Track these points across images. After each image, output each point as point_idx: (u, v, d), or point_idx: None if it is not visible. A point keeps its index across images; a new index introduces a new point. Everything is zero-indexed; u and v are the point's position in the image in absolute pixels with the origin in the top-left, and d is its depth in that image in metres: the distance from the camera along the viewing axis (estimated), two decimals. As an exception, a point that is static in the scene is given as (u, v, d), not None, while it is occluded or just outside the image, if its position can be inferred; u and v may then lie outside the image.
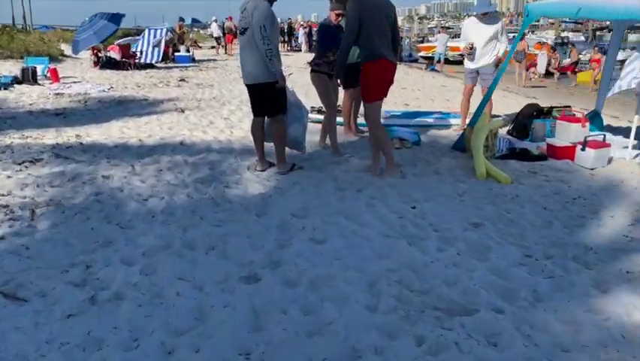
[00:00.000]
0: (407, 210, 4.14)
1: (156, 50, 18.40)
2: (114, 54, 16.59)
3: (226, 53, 25.36)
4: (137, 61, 16.40)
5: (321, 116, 6.53)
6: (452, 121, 7.93)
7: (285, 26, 30.88)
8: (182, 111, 8.56)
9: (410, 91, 12.87)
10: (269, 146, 5.19)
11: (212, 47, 28.90)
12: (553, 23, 70.58)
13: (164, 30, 19.12)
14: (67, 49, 19.51)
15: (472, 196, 4.55)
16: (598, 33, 59.50)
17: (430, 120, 8.00)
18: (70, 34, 24.21)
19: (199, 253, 3.28)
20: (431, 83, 15.58)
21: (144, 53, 17.76)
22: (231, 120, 7.91)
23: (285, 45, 30.65)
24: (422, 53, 30.41)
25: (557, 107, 7.31)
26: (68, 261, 3.10)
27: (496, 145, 6.03)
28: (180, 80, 12.97)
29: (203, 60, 20.64)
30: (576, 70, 19.43)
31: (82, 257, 3.16)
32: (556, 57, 20.31)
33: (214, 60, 21.14)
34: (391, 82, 4.96)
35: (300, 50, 30.17)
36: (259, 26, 4.55)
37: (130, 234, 3.54)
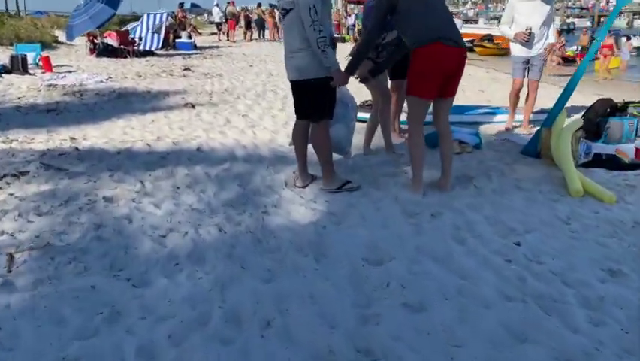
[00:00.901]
0: (512, 249, 3.11)
1: (156, 36, 17.28)
2: (111, 41, 15.43)
3: (228, 39, 24.16)
4: (136, 48, 15.24)
5: (365, 114, 5.46)
6: (503, 118, 6.88)
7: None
8: (193, 107, 7.48)
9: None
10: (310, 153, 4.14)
11: (213, 34, 27.69)
12: (558, 9, 69.29)
13: (165, 15, 17.94)
14: (61, 35, 18.29)
15: (581, 224, 3.52)
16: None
17: (479, 117, 6.94)
18: (64, 20, 22.92)
19: (250, 333, 2.24)
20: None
21: (144, 40, 16.61)
22: (251, 118, 6.83)
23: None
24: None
25: (634, 102, 6.25)
26: (57, 356, 2.05)
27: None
28: (185, 70, 11.84)
29: (205, 47, 19.48)
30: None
31: (77, 346, 2.11)
32: (562, 43, 19.47)
33: (217, 47, 19.97)
34: (451, 72, 3.83)
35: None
36: (308, 7, 3.48)
37: (146, 297, 2.49)
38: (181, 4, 21.86)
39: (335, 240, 3.16)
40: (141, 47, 16.01)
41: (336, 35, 21.44)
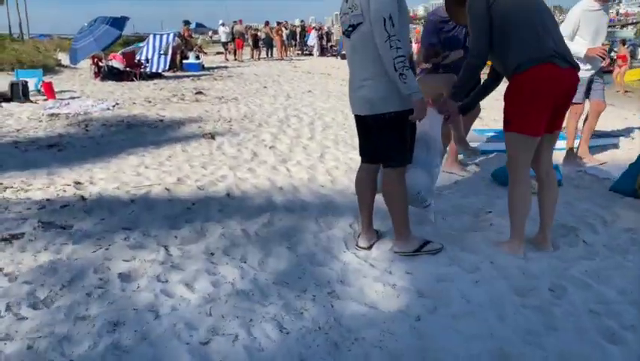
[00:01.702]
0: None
1: (163, 57, 16.62)
2: (117, 63, 14.68)
3: (236, 59, 23.51)
4: (142, 70, 14.49)
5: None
6: (563, 144, 6.01)
7: (298, 29, 29.05)
8: (213, 137, 6.64)
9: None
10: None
11: (219, 53, 27.09)
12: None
13: (171, 35, 17.26)
14: (64, 58, 17.60)
15: None
16: (609, 29, 58.05)
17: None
18: (68, 43, 22.29)
19: None
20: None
21: (150, 61, 15.90)
22: (279, 150, 5.99)
23: (293, 49, 28.83)
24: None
25: None
26: None
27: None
28: (197, 93, 11.05)
29: (214, 67, 18.77)
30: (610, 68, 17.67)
31: None
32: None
33: (225, 67, 19.27)
34: (562, 100, 3.01)
35: (312, 54, 28.41)
36: (382, 19, 2.66)
37: None
38: (186, 23, 21.13)
39: (441, 342, 2.28)
40: (148, 70, 15.29)
41: (344, 52, 20.74)
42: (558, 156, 5.52)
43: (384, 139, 2.96)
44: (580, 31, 5.23)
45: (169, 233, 3.49)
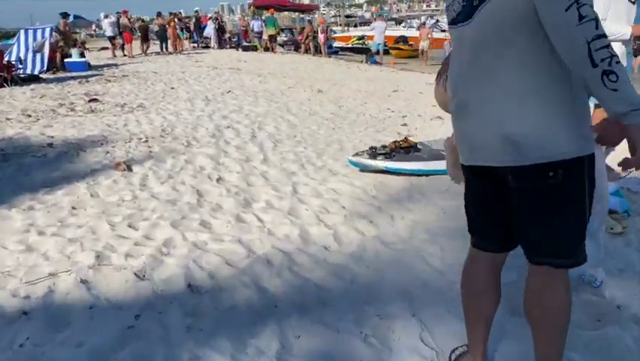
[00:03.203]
0: None
1: (38, 56, 13.99)
2: (-21, 66, 11.90)
3: (125, 54, 20.84)
4: (14, 73, 11.86)
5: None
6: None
7: (193, 20, 26.66)
8: (129, 168, 4.85)
9: (407, 96, 9.83)
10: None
11: (103, 48, 24.12)
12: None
13: (48, 30, 14.58)
14: None
15: None
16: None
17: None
18: None
19: None
20: (407, 82, 12.73)
21: (24, 62, 13.23)
22: (231, 183, 4.39)
23: (188, 41, 26.46)
24: (338, 44, 27.75)
25: None
26: None
27: None
28: (91, 101, 8.90)
29: (102, 66, 16.24)
30: None
31: None
32: None
33: (115, 65, 16.74)
34: None
35: (209, 47, 26.24)
36: None
37: None
38: (64, 15, 18.07)
39: None
40: (21, 72, 12.64)
41: (246, 44, 19.07)
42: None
43: (551, 214, 1.55)
44: (615, 11, 4.15)
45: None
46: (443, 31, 30.98)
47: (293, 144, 5.81)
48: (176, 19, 24.30)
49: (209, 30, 26.03)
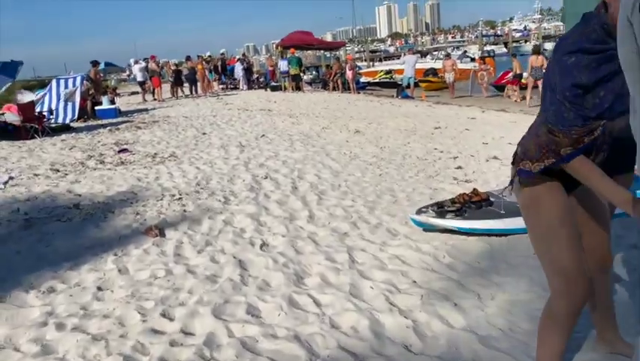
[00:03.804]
0: None
1: (70, 105, 13.88)
2: (11, 116, 11.77)
3: (155, 99, 20.84)
4: (45, 124, 11.70)
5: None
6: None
7: (219, 62, 26.74)
8: (161, 233, 4.33)
9: (452, 133, 9.21)
10: None
11: (134, 93, 24.33)
12: (476, 37, 71.21)
13: (79, 78, 14.55)
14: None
15: None
16: (514, 44, 60.78)
17: None
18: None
19: None
20: (446, 117, 12.12)
21: (55, 112, 13.13)
22: (279, 251, 3.80)
23: (217, 83, 26.44)
24: (364, 79, 27.42)
25: None
26: None
27: None
28: (120, 152, 8.55)
29: (132, 111, 16.16)
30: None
31: None
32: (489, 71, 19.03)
33: (145, 110, 16.65)
34: None
35: (238, 88, 26.19)
36: None
37: None
38: (95, 63, 18.15)
39: None
40: (52, 121, 12.51)
41: (274, 84, 18.81)
42: None
43: None
44: None
45: None
46: (473, 60, 30.57)
47: (339, 196, 5.24)
48: (203, 62, 24.36)
49: (238, 71, 26.03)
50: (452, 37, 69.75)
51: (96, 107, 14.81)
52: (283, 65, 23.26)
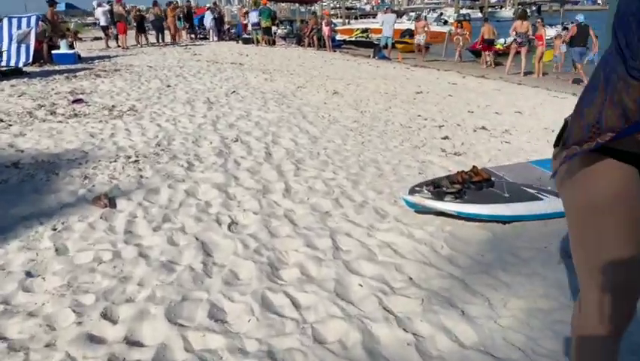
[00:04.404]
0: None
1: (23, 47, 12.74)
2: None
3: (119, 45, 19.60)
4: (-6, 67, 10.68)
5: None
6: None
7: (185, 9, 25.21)
8: (111, 204, 3.71)
9: (435, 99, 8.70)
10: None
11: (97, 39, 22.91)
12: (453, 1, 70.03)
13: (34, 18, 13.34)
14: None
15: None
16: (490, 10, 60.19)
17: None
18: None
19: None
20: (427, 81, 11.58)
21: (7, 54, 12.04)
22: (246, 229, 3.25)
23: (185, 31, 25.07)
24: (340, 37, 26.45)
25: None
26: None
27: None
28: (74, 101, 7.72)
29: (93, 58, 15.06)
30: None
31: None
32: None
33: (108, 57, 15.54)
34: None
35: (207, 39, 24.91)
36: None
37: None
38: (52, 3, 16.61)
39: None
40: (3, 65, 11.45)
41: (246, 36, 17.91)
42: None
43: None
44: None
45: None
46: (445, 23, 29.74)
47: (318, 166, 4.68)
48: (175, 9, 22.94)
49: (208, 21, 24.70)
50: (429, -4, 68.72)
51: (53, 52, 13.69)
52: (254, 17, 22.07)
